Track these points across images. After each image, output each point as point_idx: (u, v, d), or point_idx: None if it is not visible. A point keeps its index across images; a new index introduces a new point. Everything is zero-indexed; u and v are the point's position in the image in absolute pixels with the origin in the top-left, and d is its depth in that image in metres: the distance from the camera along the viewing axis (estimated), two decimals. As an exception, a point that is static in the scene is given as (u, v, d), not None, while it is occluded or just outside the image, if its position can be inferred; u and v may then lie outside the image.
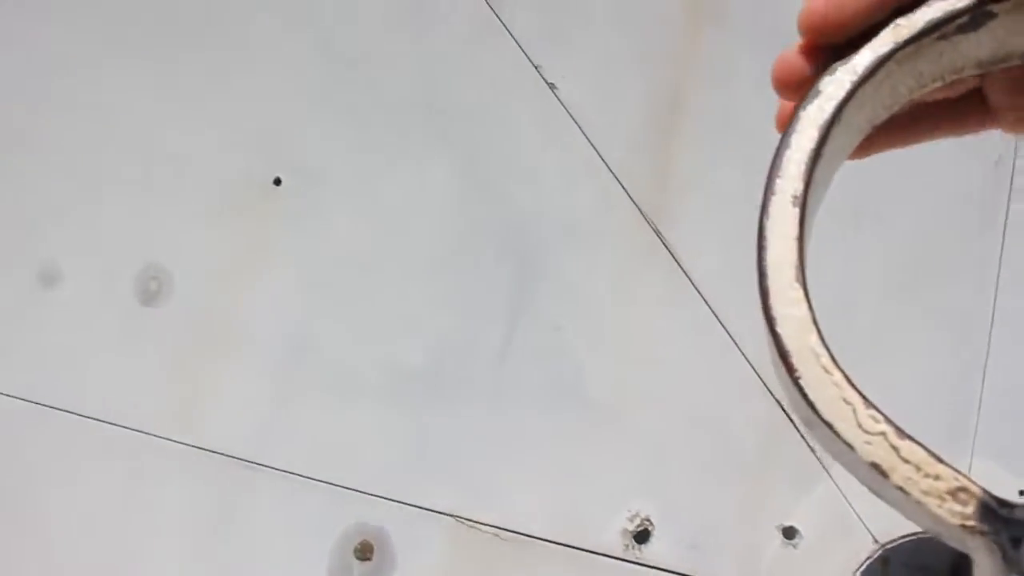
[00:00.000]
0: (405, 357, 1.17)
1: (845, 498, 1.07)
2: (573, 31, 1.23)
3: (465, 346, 1.17)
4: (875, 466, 0.22)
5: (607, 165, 1.18)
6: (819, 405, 0.23)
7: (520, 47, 1.22)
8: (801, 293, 0.25)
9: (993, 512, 0.21)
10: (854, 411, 0.23)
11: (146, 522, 1.16)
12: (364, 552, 1.12)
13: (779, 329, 0.24)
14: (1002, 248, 1.08)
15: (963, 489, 0.22)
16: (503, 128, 1.22)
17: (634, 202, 1.17)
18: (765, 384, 1.10)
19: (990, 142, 1.10)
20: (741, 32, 1.17)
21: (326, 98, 1.25)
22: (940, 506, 0.22)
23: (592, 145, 1.19)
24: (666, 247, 1.15)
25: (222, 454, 1.16)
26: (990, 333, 1.06)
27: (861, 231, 1.10)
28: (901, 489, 0.22)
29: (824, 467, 1.07)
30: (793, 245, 0.25)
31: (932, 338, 1.09)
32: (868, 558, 1.06)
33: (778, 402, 1.09)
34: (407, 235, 1.21)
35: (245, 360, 1.20)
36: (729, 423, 1.10)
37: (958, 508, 0.22)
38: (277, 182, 1.25)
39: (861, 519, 1.06)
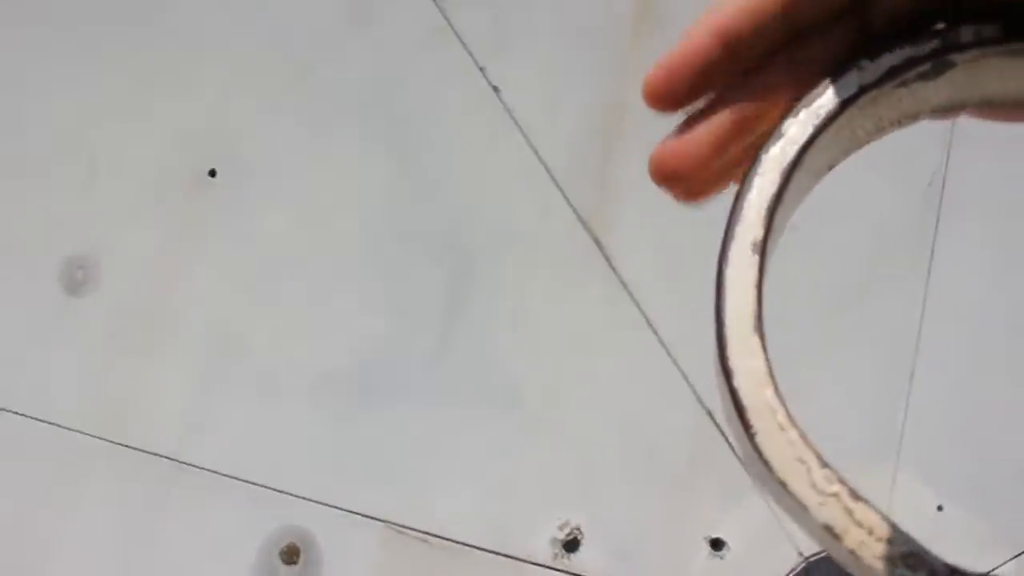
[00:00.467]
0: (338, 357, 1.16)
1: (772, 511, 1.08)
2: (520, 35, 1.22)
3: (398, 348, 1.16)
4: (828, 528, 0.22)
5: (547, 170, 1.18)
6: (774, 463, 0.23)
7: (466, 48, 1.21)
8: (759, 344, 0.24)
9: (944, 580, 0.21)
10: (808, 470, 0.23)
11: (66, 520, 1.13)
12: (290, 555, 1.11)
13: (735, 382, 0.24)
14: (929, 270, 1.10)
15: (914, 555, 0.22)
16: (445, 129, 1.21)
17: (572, 208, 1.17)
18: (697, 395, 1.11)
19: (922, 164, 1.13)
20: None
21: (267, 92, 1.23)
22: (892, 572, 0.22)
23: (533, 149, 1.19)
24: (603, 254, 1.15)
25: (146, 451, 1.13)
26: (916, 352, 1.08)
27: (795, 247, 1.12)
28: (853, 552, 0.22)
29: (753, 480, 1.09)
30: (752, 294, 0.25)
31: (861, 355, 1.11)
32: (792, 570, 1.08)
33: (709, 413, 1.10)
34: (342, 233, 1.19)
35: (173, 354, 1.17)
36: (661, 433, 1.11)
37: (909, 574, 0.21)
38: (212, 174, 1.22)
39: (787, 532, 1.08)
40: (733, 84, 0.28)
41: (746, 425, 0.23)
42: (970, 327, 1.09)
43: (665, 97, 0.28)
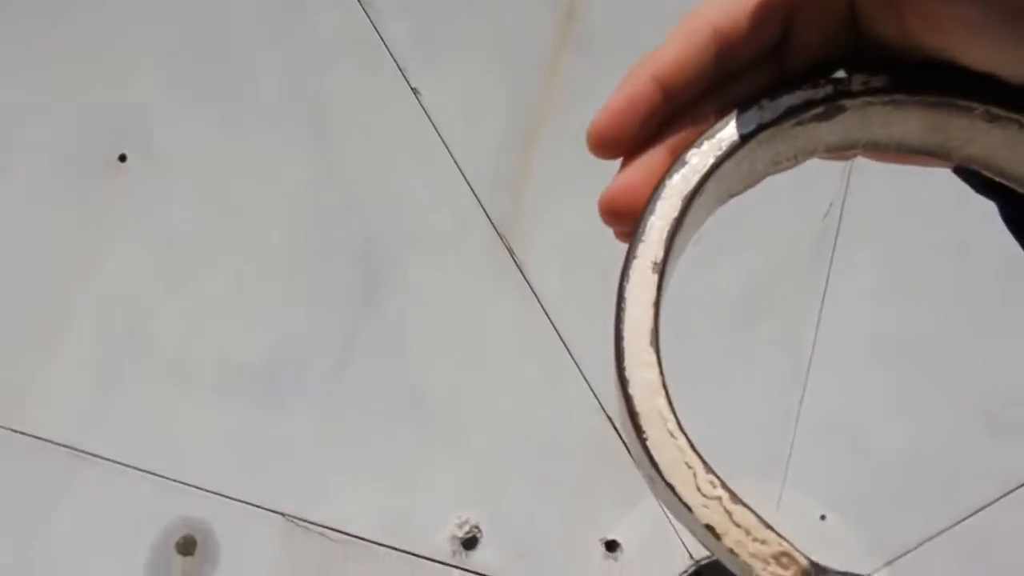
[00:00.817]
0: (245, 352, 1.15)
1: (666, 515, 1.12)
2: (444, 41, 1.23)
3: (307, 345, 1.16)
4: (710, 528, 0.24)
5: (464, 177, 1.19)
6: (663, 467, 0.25)
7: (389, 50, 1.22)
8: (654, 357, 0.26)
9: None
10: (694, 475, 0.25)
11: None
12: (187, 547, 1.09)
13: (631, 391, 0.26)
14: (824, 295, 1.15)
15: (786, 554, 0.24)
16: (365, 130, 1.21)
17: (488, 217, 1.19)
18: (599, 402, 1.13)
19: (822, 194, 1.18)
20: (606, 62, 1.21)
21: (189, 82, 1.21)
22: (764, 568, 0.24)
23: (452, 156, 1.20)
24: (516, 263, 1.17)
25: (44, 439, 1.11)
26: (808, 371, 1.13)
27: (699, 266, 1.16)
28: (731, 551, 0.24)
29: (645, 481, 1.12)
30: (650, 310, 0.27)
31: (757, 371, 1.15)
32: (683, 572, 1.11)
33: (610, 420, 1.13)
34: (256, 229, 1.19)
35: (75, 341, 1.15)
36: (562, 438, 1.13)
37: (780, 571, 0.24)
38: (122, 159, 1.20)
39: (679, 536, 1.11)
40: (666, 120, 0.30)
41: (638, 430, 0.25)
42: (858, 350, 1.14)
43: (613, 144, 0.30)
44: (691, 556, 1.11)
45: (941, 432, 1.11)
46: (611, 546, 1.12)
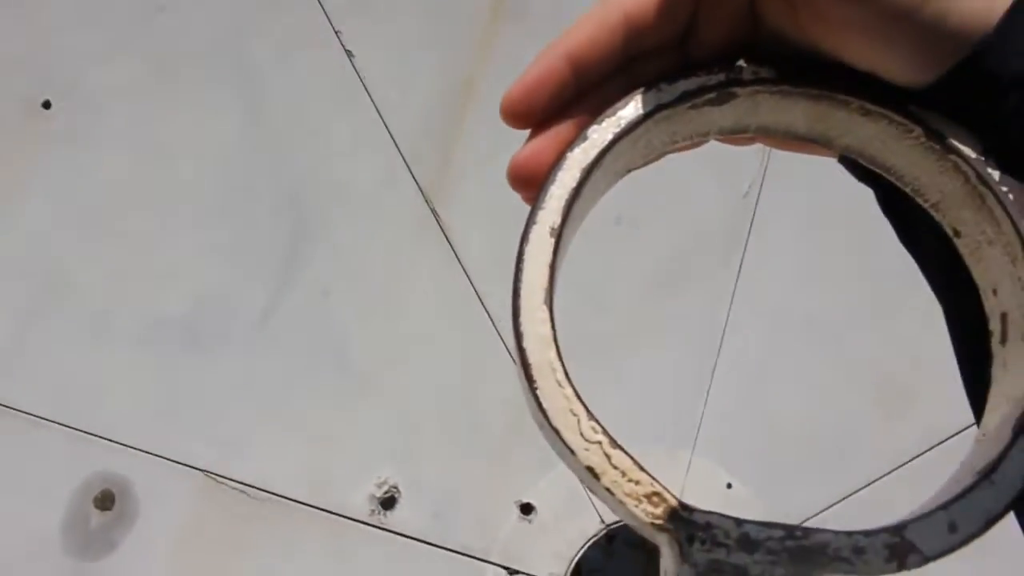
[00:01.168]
0: (167, 304, 1.15)
1: (581, 480, 1.15)
2: (379, 4, 1.23)
3: (230, 299, 1.16)
4: (590, 469, 0.27)
5: (393, 139, 1.20)
6: (550, 413, 0.27)
7: (323, 9, 1.21)
8: (547, 314, 0.28)
9: (677, 514, 0.26)
10: (578, 421, 0.27)
11: None
12: (104, 501, 1.09)
13: (525, 344, 0.28)
14: (740, 269, 1.19)
15: (657, 494, 0.26)
16: (297, 87, 1.21)
17: (414, 178, 1.20)
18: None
19: (741, 176, 1.21)
20: (538, 31, 1.22)
21: (112, 27, 1.20)
22: (637, 506, 0.26)
23: (381, 117, 1.20)
24: (440, 226, 1.19)
25: (-45, 388, 1.09)
26: (720, 345, 1.17)
27: (622, 236, 1.19)
28: (608, 490, 0.27)
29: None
30: (546, 271, 0.29)
31: (672, 342, 1.18)
32: (595, 535, 1.14)
33: (530, 386, 1.15)
34: (182, 179, 1.18)
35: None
36: (482, 402, 1.16)
37: (651, 509, 0.26)
38: (47, 105, 1.18)
39: (592, 501, 1.14)
40: (575, 99, 0.32)
41: (530, 380, 0.27)
42: (768, 327, 1.19)
43: (523, 115, 0.32)
44: (603, 520, 1.14)
45: (841, 408, 1.16)
46: (526, 509, 1.15)
